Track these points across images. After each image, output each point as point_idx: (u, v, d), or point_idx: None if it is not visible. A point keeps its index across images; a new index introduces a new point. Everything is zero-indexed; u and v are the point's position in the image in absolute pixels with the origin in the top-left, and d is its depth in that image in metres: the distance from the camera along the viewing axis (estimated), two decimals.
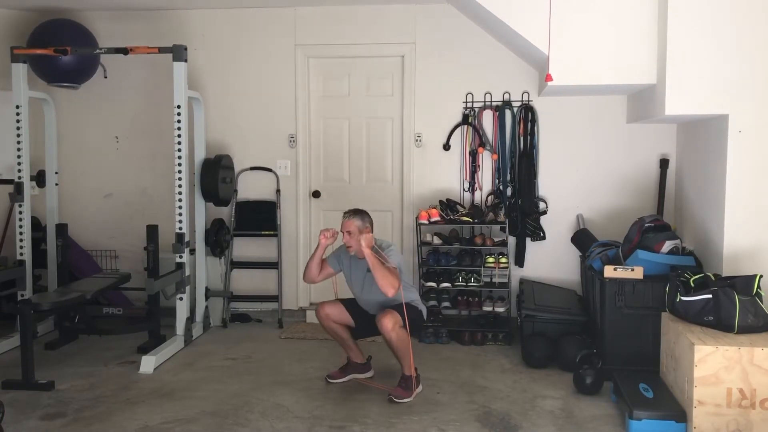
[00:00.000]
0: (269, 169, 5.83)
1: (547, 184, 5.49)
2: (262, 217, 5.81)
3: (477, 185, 5.55)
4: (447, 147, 5.56)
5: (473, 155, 5.52)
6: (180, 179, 4.99)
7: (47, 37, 5.35)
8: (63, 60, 5.34)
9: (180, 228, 5.00)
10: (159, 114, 5.75)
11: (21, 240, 5.18)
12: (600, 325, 4.35)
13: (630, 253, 4.36)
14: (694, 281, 3.78)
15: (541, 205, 5.47)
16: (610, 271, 4.24)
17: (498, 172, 5.51)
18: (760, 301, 3.57)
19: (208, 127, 5.67)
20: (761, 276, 3.67)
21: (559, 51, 4.43)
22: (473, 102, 5.53)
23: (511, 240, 5.47)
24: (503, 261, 5.21)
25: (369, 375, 4.38)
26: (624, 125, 5.38)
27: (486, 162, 5.54)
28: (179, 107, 4.95)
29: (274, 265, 5.80)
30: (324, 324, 4.21)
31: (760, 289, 3.62)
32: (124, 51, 5.00)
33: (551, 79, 4.45)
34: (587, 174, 5.45)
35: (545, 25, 4.39)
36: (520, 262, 5.51)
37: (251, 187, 5.85)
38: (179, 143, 4.97)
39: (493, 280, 5.22)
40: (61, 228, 5.41)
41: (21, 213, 5.17)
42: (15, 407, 3.81)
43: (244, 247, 5.87)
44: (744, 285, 3.62)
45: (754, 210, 4.08)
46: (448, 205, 5.36)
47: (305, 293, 5.90)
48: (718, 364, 3.34)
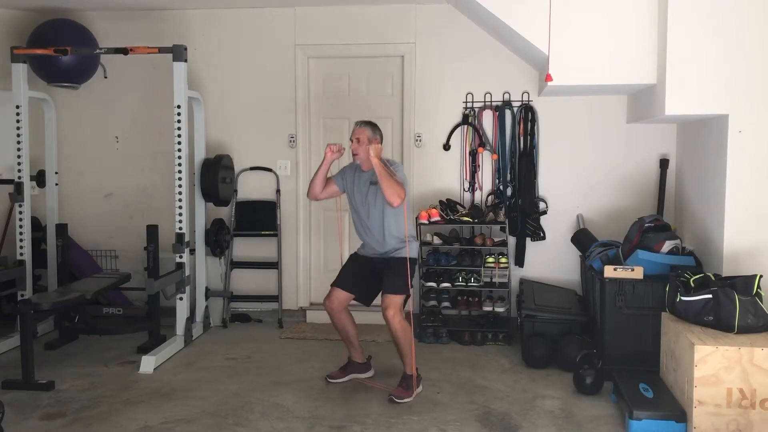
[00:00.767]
0: (269, 169, 5.83)
1: (547, 184, 5.49)
2: (262, 217, 5.81)
3: (477, 185, 5.55)
4: (447, 147, 5.56)
5: (473, 155, 5.52)
6: (180, 179, 4.99)
7: (47, 37, 5.35)
8: (63, 60, 5.34)
9: (180, 228, 5.00)
10: (159, 114, 5.75)
11: (21, 240, 5.19)
12: (600, 325, 4.35)
13: (630, 253, 4.36)
14: (694, 281, 3.77)
15: (541, 205, 5.47)
16: (610, 271, 4.24)
17: (498, 172, 5.51)
18: (760, 301, 3.57)
19: (208, 127, 5.67)
20: (761, 276, 3.67)
21: (559, 51, 4.43)
22: (473, 102, 5.53)
23: (511, 240, 5.47)
24: (503, 261, 5.21)
25: (369, 375, 4.37)
26: (624, 125, 5.38)
27: (486, 162, 5.55)
28: (179, 107, 4.95)
29: (274, 265, 5.80)
30: (334, 317, 4.18)
31: (760, 289, 3.62)
32: (124, 51, 5.00)
33: (551, 79, 4.45)
34: (587, 174, 5.45)
35: (545, 25, 4.39)
36: (520, 262, 5.51)
37: (251, 187, 5.85)
38: (179, 143, 4.97)
39: (493, 280, 5.22)
40: (61, 228, 5.41)
41: (21, 213, 5.17)
42: (15, 407, 3.81)
43: (244, 247, 5.87)
44: (744, 285, 3.62)
45: (754, 210, 4.08)
46: (448, 205, 5.36)
47: (305, 293, 5.90)
48: (718, 364, 3.34)
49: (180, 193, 4.99)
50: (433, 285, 5.23)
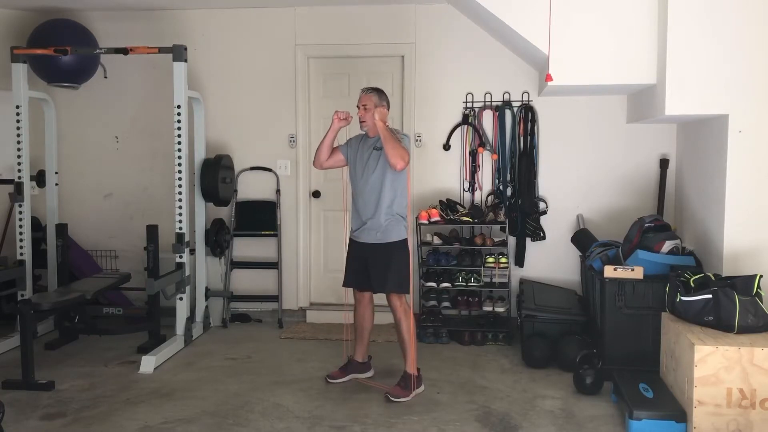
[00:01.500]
0: (269, 169, 5.83)
1: (547, 184, 5.49)
2: (262, 217, 5.81)
3: (477, 185, 5.55)
4: (447, 147, 5.56)
5: (473, 155, 5.52)
6: (180, 179, 4.99)
7: (47, 37, 5.35)
8: (63, 60, 5.34)
9: (180, 228, 5.00)
10: (159, 114, 5.75)
11: (21, 240, 5.19)
12: (600, 325, 4.35)
13: (630, 253, 4.36)
14: (694, 281, 3.77)
15: (541, 205, 5.47)
16: (610, 271, 4.24)
17: (498, 172, 5.51)
18: (760, 301, 3.57)
19: (208, 127, 5.68)
20: (761, 276, 3.67)
21: (559, 51, 4.43)
22: (473, 102, 5.53)
23: (511, 240, 5.47)
24: (503, 261, 5.21)
25: (369, 375, 4.37)
26: (624, 125, 5.38)
27: (486, 162, 5.55)
28: (179, 107, 4.95)
29: (274, 265, 5.80)
30: (361, 310, 4.26)
31: (760, 289, 3.62)
32: (124, 51, 5.00)
33: (551, 79, 4.44)
34: (587, 174, 5.45)
35: (545, 25, 4.39)
36: (520, 262, 5.51)
37: (251, 187, 5.85)
38: (179, 143, 4.97)
39: (493, 280, 5.22)
40: (61, 228, 5.40)
41: (21, 213, 5.17)
42: (15, 407, 3.81)
43: (244, 247, 5.87)
44: (744, 285, 3.62)
45: (754, 210, 4.08)
46: (448, 205, 5.36)
47: (305, 293, 5.90)
48: (718, 364, 3.34)
49: (180, 193, 4.99)
50: (433, 285, 5.23)
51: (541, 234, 5.46)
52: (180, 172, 4.98)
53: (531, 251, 5.51)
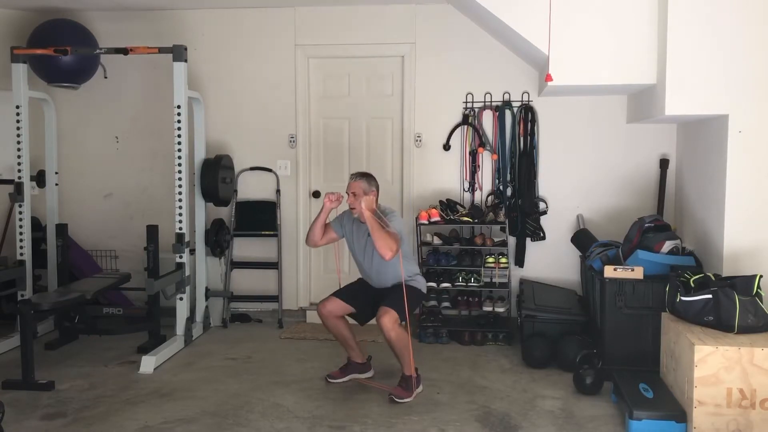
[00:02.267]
0: (269, 169, 5.83)
1: (547, 184, 5.49)
2: (262, 217, 5.81)
3: (477, 185, 5.55)
4: (447, 147, 5.56)
5: (473, 155, 5.51)
6: (180, 179, 4.99)
7: (47, 37, 5.35)
8: (63, 60, 5.34)
9: (180, 228, 5.00)
10: (159, 114, 5.74)
11: (21, 240, 5.19)
12: (600, 325, 4.35)
13: (630, 253, 4.36)
14: (694, 281, 3.77)
15: (541, 205, 5.47)
16: (610, 271, 4.24)
17: (498, 172, 5.51)
18: (760, 301, 3.57)
19: (208, 127, 5.67)
20: (761, 276, 3.67)
21: (559, 51, 4.43)
22: (473, 102, 5.53)
23: (511, 240, 5.47)
24: (503, 261, 5.21)
25: (369, 375, 4.38)
26: (624, 125, 5.38)
27: (486, 162, 5.54)
28: (179, 107, 4.95)
29: (274, 265, 5.80)
30: (327, 322, 4.18)
31: (760, 289, 3.62)
32: (124, 51, 5.00)
33: (551, 79, 4.45)
34: (587, 174, 5.45)
35: (545, 25, 4.39)
36: (520, 262, 5.51)
37: (251, 187, 5.85)
38: (179, 143, 4.97)
39: (493, 280, 5.22)
40: (61, 228, 5.40)
41: (21, 213, 5.17)
42: (15, 407, 3.81)
43: (244, 247, 5.87)
44: (744, 285, 3.62)
45: (754, 210, 4.08)
46: (448, 206, 5.36)
47: (305, 293, 5.91)
48: (718, 364, 3.34)
49: (180, 193, 4.99)
50: (433, 285, 5.22)
51: (541, 234, 5.46)
52: (180, 172, 4.98)
53: (531, 251, 5.51)
